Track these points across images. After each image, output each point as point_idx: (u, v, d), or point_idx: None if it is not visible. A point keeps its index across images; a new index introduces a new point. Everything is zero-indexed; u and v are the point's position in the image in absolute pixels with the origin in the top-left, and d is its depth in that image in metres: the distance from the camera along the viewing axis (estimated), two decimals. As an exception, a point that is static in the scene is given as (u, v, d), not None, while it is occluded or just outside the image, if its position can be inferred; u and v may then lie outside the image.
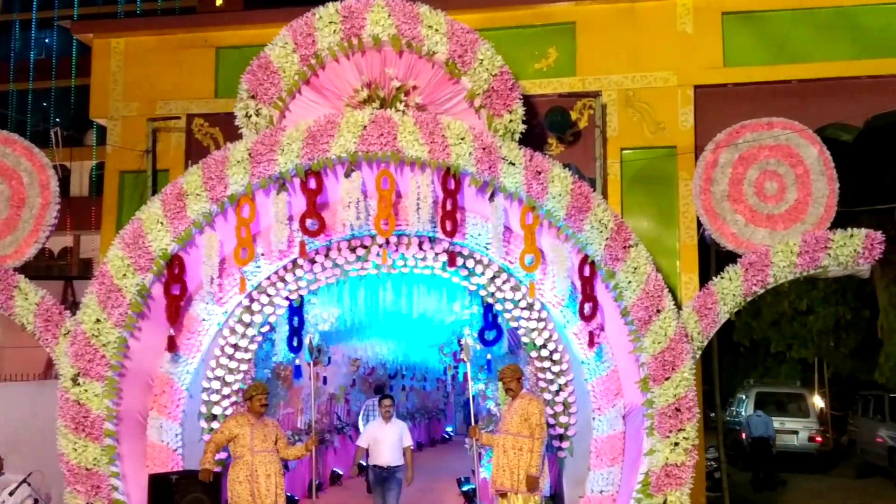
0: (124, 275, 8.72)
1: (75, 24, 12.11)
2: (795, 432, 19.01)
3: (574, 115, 10.12)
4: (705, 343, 9.16)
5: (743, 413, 20.76)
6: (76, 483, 8.50)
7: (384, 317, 11.53)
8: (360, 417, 17.86)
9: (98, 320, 8.65)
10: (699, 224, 9.78)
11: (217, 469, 8.63)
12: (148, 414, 9.11)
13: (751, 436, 17.59)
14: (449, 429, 25.77)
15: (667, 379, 8.61)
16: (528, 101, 9.47)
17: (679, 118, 10.13)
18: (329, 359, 13.86)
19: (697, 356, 9.06)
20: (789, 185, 9.29)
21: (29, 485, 7.86)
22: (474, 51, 8.95)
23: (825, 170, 9.27)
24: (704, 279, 9.70)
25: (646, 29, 10.29)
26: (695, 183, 9.48)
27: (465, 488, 12.60)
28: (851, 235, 9.03)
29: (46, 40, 28.17)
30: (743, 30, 10.25)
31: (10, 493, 7.84)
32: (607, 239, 8.75)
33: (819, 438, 19.82)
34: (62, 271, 26.10)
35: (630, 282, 8.74)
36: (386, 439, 10.06)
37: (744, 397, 21.77)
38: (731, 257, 9.42)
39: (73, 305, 11.07)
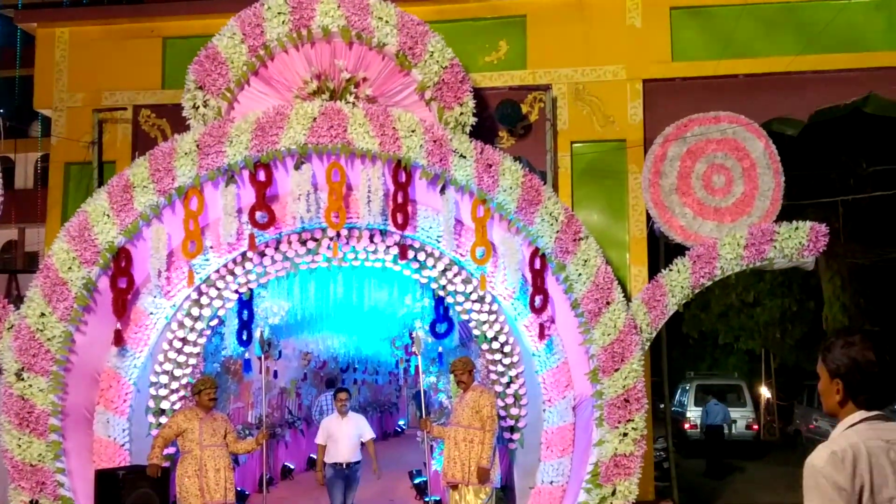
0: (70, 268, 8.59)
1: (18, 13, 11.85)
2: (734, 421, 19.43)
3: (525, 109, 10.16)
4: (654, 335, 9.26)
5: (685, 403, 21.24)
6: (21, 479, 8.37)
7: (335, 310, 11.49)
8: (314, 412, 17.81)
9: (43, 314, 8.51)
10: (648, 217, 9.89)
11: (165, 464, 8.55)
12: (94, 409, 8.99)
13: (706, 423, 17.91)
14: (401, 422, 25.76)
15: (616, 370, 8.70)
16: (478, 93, 9.50)
17: (628, 112, 10.22)
18: (280, 353, 13.76)
19: (646, 348, 9.16)
20: (736, 178, 9.44)
21: (-29, 482, 7.70)
22: (424, 43, 8.95)
23: (771, 163, 9.44)
24: (653, 272, 9.82)
25: (596, 23, 10.37)
26: (644, 176, 9.58)
27: (416, 481, 12.63)
28: (797, 228, 9.19)
29: (-11, 29, 27.59)
30: (691, 24, 10.38)
31: (-48, 491, 7.68)
32: (558, 232, 8.81)
33: (756, 426, 21.13)
34: (6, 265, 25.62)
35: (580, 274, 8.81)
36: (343, 435, 9.73)
37: (686, 387, 22.25)
38: (680, 250, 9.54)
39: (17, 299, 10.84)
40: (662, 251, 10.87)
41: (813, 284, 22.57)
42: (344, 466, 9.67)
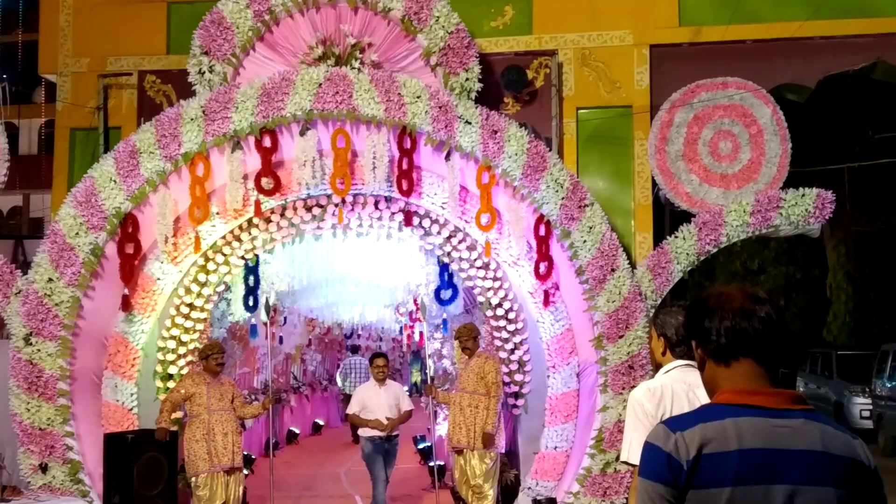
0: (77, 233, 8.63)
1: (21, -23, 11.79)
2: None
3: (530, 74, 10.12)
4: (659, 301, 9.29)
5: None
6: (30, 443, 8.47)
7: (340, 276, 11.54)
8: (339, 376, 18.11)
9: (50, 279, 8.57)
10: (654, 184, 9.88)
11: (173, 428, 8.63)
12: (103, 374, 9.06)
13: None
14: (405, 388, 25.92)
15: (620, 337, 8.75)
16: (484, 59, 9.46)
17: (635, 77, 10.16)
18: (285, 319, 13.87)
19: (651, 315, 9.20)
20: (743, 144, 9.42)
21: (-19, 445, 7.80)
22: (430, 8, 8.92)
23: (778, 130, 9.41)
24: (659, 239, 9.82)
25: (603, -13, 10.28)
26: (650, 142, 9.57)
27: (420, 446, 12.77)
28: (803, 195, 9.18)
29: (-9, -7, 27.44)
30: (699, -11, 10.28)
31: (-38, 454, 7.79)
32: (563, 198, 8.81)
33: None
34: (12, 230, 25.72)
35: (585, 241, 8.83)
36: (380, 406, 9.10)
37: None
38: (685, 217, 9.55)
39: (23, 265, 10.89)
40: (668, 218, 10.87)
41: (817, 252, 22.59)
42: (383, 439, 9.11)
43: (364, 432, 9.11)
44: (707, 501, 2.03)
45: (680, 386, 3.75)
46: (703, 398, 2.43)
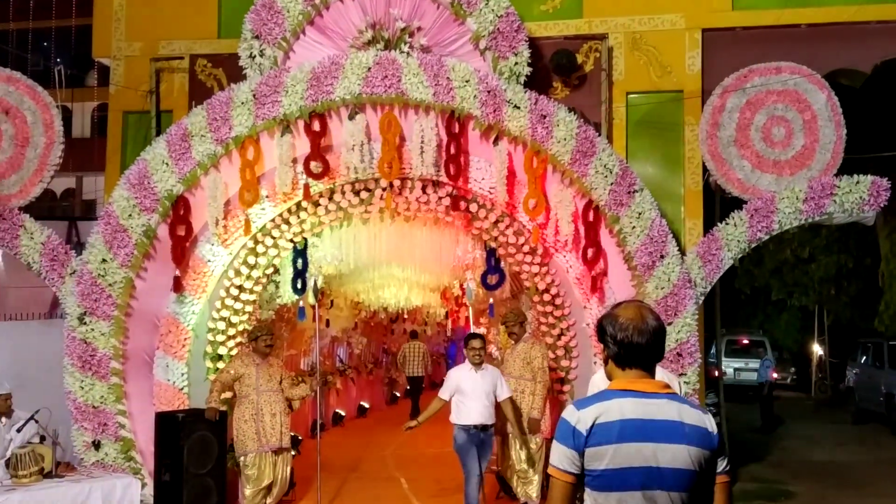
0: (130, 215, 8.76)
1: (76, -38, 11.96)
2: (756, 370, 21.42)
3: (580, 59, 10.04)
4: (708, 289, 9.21)
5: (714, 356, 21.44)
6: (83, 420, 8.64)
7: (386, 260, 11.57)
8: (399, 359, 18.46)
9: (104, 260, 8.72)
10: (704, 169, 9.78)
11: (223, 408, 8.75)
12: (154, 353, 9.20)
13: (762, 379, 18.04)
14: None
15: (669, 324, 8.68)
16: (533, 43, 9.41)
17: (686, 62, 10.05)
18: (332, 302, 13.95)
19: (700, 302, 9.12)
20: (797, 130, 9.27)
21: (36, 422, 7.96)
22: (480, -9, 8.88)
23: (833, 116, 9.25)
24: (709, 225, 9.72)
25: (654, -31, 10.17)
26: (701, 128, 9.46)
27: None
28: (857, 182, 9.03)
29: (46, -22, 27.84)
30: (753, -28, 10.13)
31: (18, 430, 7.94)
32: (612, 184, 8.75)
33: (774, 375, 22.03)
34: (65, 212, 26.14)
35: (634, 227, 8.76)
36: (476, 392, 8.19)
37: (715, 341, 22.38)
38: (735, 204, 9.44)
39: (77, 246, 11.11)
40: (718, 204, 10.74)
41: (870, 240, 22.16)
42: (478, 429, 8.25)
43: (458, 420, 8.28)
44: (598, 455, 2.87)
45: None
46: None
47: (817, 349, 24.96)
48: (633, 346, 2.99)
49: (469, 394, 8.18)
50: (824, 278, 22.58)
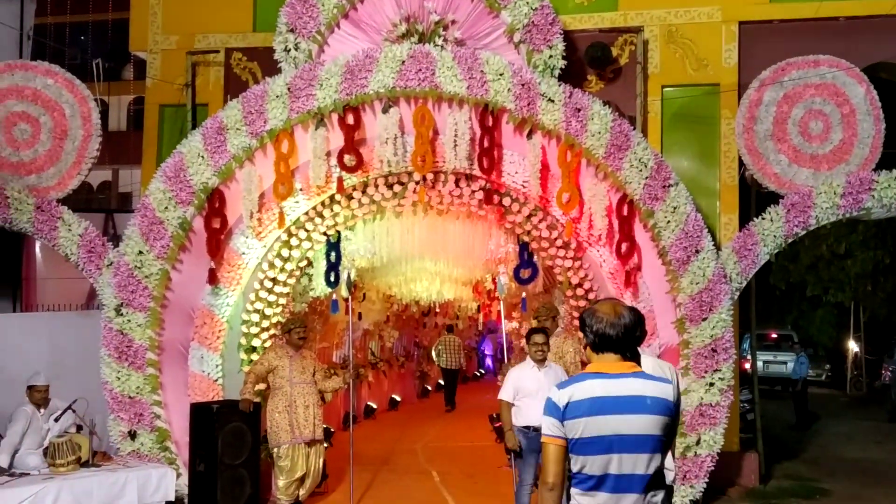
0: (166, 207, 8.82)
1: (113, -43, 12.07)
2: (785, 363, 22.66)
3: (615, 52, 10.00)
4: (744, 284, 9.12)
5: (745, 351, 21.25)
6: (119, 410, 8.72)
7: (419, 254, 11.57)
8: (433, 352, 18.68)
9: (140, 252, 8.79)
10: (740, 164, 9.70)
11: (256, 399, 8.80)
12: (189, 345, 9.26)
13: (798, 375, 17.88)
14: (481, 368, 26.04)
15: (704, 319, 8.61)
16: (568, 36, 9.36)
17: (723, 55, 9.98)
18: (364, 295, 13.98)
19: (735, 297, 9.04)
20: (834, 124, 9.16)
21: (74, 411, 8.04)
22: (515, -16, 8.84)
23: (872, 110, 9.14)
24: (744, 220, 9.65)
25: (691, -38, 10.08)
26: (738, 121, 9.37)
27: (497, 425, 12.77)
28: (896, 177, 8.91)
29: (83, -28, 28.15)
30: (791, -37, 10.01)
31: (56, 420, 8.03)
32: (646, 178, 8.68)
33: (810, 372, 22.49)
34: (101, 204, 26.41)
35: (669, 221, 8.69)
36: (542, 390, 7.43)
37: (745, 335, 22.20)
38: (771, 198, 9.34)
39: (114, 238, 11.21)
40: (754, 199, 10.64)
41: (908, 236, 21.86)
42: (538, 431, 6.62)
43: (518, 421, 7.78)
44: (574, 426, 3.50)
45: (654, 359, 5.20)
46: (650, 368, 4.21)
47: (853, 346, 24.68)
48: (606, 337, 3.61)
49: (532, 393, 7.64)
50: (861, 274, 22.27)
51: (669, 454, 8.81)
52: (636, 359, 3.75)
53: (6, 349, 9.11)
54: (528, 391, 7.72)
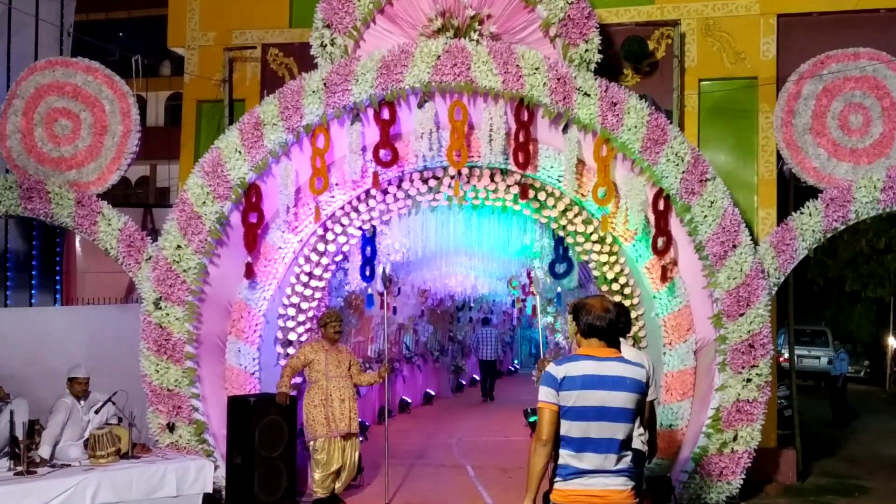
0: (204, 202, 8.89)
1: (151, -46, 12.17)
2: (818, 357, 22.74)
3: (651, 45, 9.92)
4: (782, 279, 9.03)
5: (779, 346, 21.12)
6: (158, 403, 8.81)
7: (454, 248, 11.59)
8: (473, 343, 18.97)
9: (179, 246, 8.87)
10: (779, 158, 9.60)
11: (293, 393, 8.86)
12: (227, 338, 9.33)
13: (838, 372, 17.69)
14: (515, 362, 26.02)
15: (741, 315, 8.54)
16: (604, 30, 9.29)
17: (761, 48, 9.87)
18: (399, 289, 14.02)
19: (773, 293, 8.94)
20: (875, 118, 9.03)
21: (114, 404, 8.13)
22: (550, -22, 8.80)
23: (913, 103, 8.98)
24: (783, 215, 9.55)
25: (728, -46, 9.99)
26: (776, 115, 9.27)
27: (531, 420, 12.76)
28: (938, 171, 8.77)
29: (122, -30, 28.46)
30: (831, -45, 9.88)
31: (96, 412, 8.13)
32: (683, 172, 8.61)
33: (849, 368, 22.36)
34: (139, 199, 26.71)
35: (706, 216, 8.62)
36: None
37: (780, 331, 21.97)
38: (810, 193, 9.23)
39: (152, 232, 11.33)
40: (792, 193, 10.52)
41: (948, 231, 21.51)
42: None
43: None
44: (568, 396, 4.25)
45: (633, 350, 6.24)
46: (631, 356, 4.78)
47: (892, 342, 24.30)
48: (594, 327, 4.39)
49: None
50: (899, 269, 21.98)
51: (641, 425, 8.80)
52: (617, 346, 4.46)
53: (47, 342, 9.23)
54: None
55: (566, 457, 4.33)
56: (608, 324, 4.38)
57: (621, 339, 5.15)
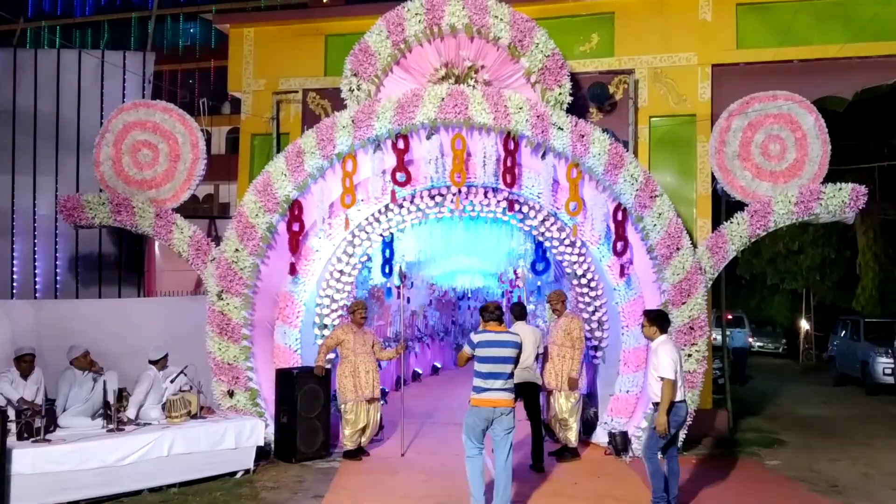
0: (257, 215, 8.89)
1: (215, 17, 12.19)
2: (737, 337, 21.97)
3: (612, 89, 9.91)
4: (715, 275, 9.01)
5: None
6: (221, 374, 8.80)
7: (456, 250, 11.57)
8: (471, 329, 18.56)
9: (237, 250, 8.86)
10: (713, 178, 9.58)
11: (328, 366, 8.85)
12: (275, 322, 9.33)
13: (732, 346, 17.53)
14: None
15: (683, 303, 8.52)
16: (574, 77, 9.27)
17: (699, 91, 9.88)
18: (412, 283, 13.97)
19: (709, 286, 8.93)
20: (790, 146, 9.01)
21: (185, 375, 8.14)
22: (532, 36, 8.78)
23: (820, 134, 8.97)
24: (716, 224, 9.52)
25: (672, 17, 10.01)
26: (711, 145, 9.25)
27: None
28: (840, 189, 8.74)
29: (191, 30, 28.48)
30: (754, 18, 9.91)
31: (171, 381, 8.14)
32: (637, 190, 8.60)
33: (750, 339, 22.06)
34: (206, 212, 26.65)
35: (655, 225, 8.61)
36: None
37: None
38: (739, 206, 9.21)
39: (216, 239, 11.29)
40: (724, 207, 10.49)
41: (849, 236, 21.52)
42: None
43: (678, 396, 6.44)
44: (480, 350, 6.23)
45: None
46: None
47: (804, 325, 24.25)
48: (492, 315, 6.37)
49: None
50: (811, 267, 21.98)
51: (584, 377, 8.78)
52: (503, 324, 6.38)
53: (132, 326, 9.23)
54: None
55: (479, 381, 6.23)
56: (499, 314, 6.40)
57: (521, 322, 8.34)
